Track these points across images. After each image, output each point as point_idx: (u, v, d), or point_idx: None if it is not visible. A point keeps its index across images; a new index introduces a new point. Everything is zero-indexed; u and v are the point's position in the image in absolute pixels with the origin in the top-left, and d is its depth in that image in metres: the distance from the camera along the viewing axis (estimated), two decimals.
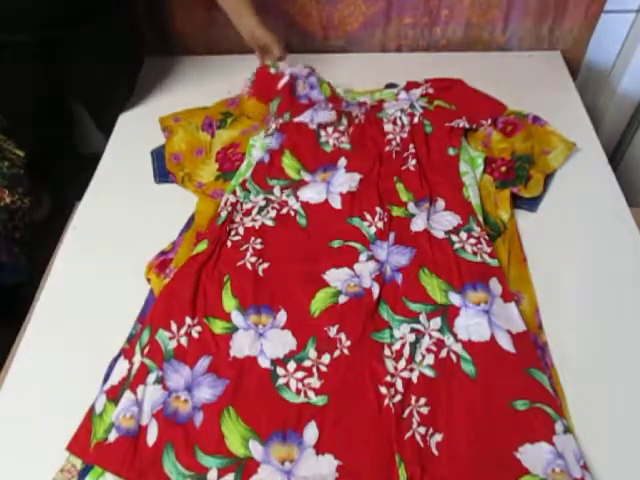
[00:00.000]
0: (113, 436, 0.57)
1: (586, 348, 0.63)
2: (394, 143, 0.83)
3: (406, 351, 0.62)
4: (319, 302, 0.67)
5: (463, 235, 0.71)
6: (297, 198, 0.78)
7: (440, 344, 0.63)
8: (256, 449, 0.56)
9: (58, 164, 1.06)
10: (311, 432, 0.57)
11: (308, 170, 0.82)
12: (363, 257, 0.71)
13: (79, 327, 0.68)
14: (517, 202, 0.77)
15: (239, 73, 0.95)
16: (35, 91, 0.90)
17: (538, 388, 0.59)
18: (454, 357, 0.62)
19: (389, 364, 0.61)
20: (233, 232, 0.74)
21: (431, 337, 0.63)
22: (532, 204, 0.77)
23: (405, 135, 0.83)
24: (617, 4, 0.95)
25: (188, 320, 0.65)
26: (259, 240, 0.73)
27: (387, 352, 0.63)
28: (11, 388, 0.64)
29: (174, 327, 0.64)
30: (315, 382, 0.61)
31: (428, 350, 0.62)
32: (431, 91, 0.89)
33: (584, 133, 0.85)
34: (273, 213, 0.77)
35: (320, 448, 0.57)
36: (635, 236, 0.72)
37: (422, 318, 0.65)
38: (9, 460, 0.59)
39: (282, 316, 0.66)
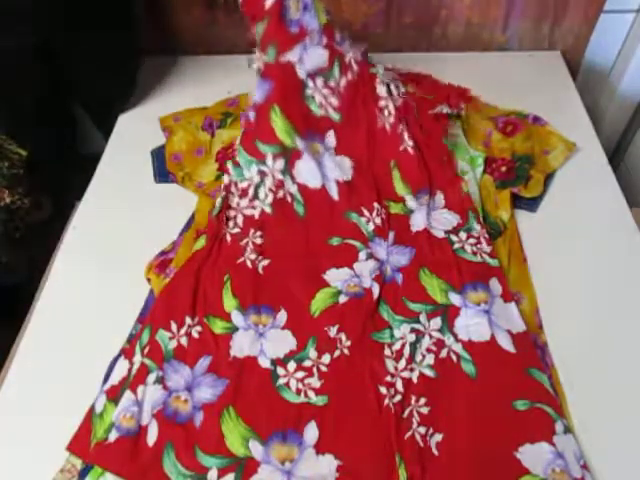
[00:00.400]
0: (113, 436, 0.57)
1: (586, 348, 0.63)
2: (386, 112, 0.79)
3: (406, 351, 0.62)
4: (319, 302, 0.67)
5: (463, 235, 0.71)
6: (293, 179, 0.75)
7: (440, 344, 0.63)
8: (256, 449, 0.56)
9: (58, 164, 1.06)
10: (311, 432, 0.57)
11: (300, 134, 0.75)
12: (362, 255, 0.70)
13: (79, 327, 0.68)
14: (517, 202, 0.77)
15: (239, 73, 0.95)
16: (35, 91, 0.90)
17: (538, 388, 0.58)
18: (454, 357, 0.62)
19: (389, 364, 0.61)
20: (232, 223, 0.73)
21: (431, 337, 0.63)
22: (532, 204, 0.77)
23: (398, 104, 0.79)
24: (617, 4, 0.95)
25: (188, 320, 0.65)
26: (259, 233, 0.72)
27: (387, 352, 0.62)
28: (11, 388, 0.64)
29: (174, 327, 0.64)
30: (315, 382, 0.61)
31: (428, 350, 0.62)
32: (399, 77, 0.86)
33: (584, 133, 0.85)
34: (270, 197, 0.74)
35: (320, 448, 0.57)
36: (635, 236, 0.72)
37: (422, 318, 0.65)
38: (9, 460, 0.59)
39: (282, 316, 0.66)
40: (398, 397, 0.59)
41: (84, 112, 0.99)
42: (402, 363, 0.62)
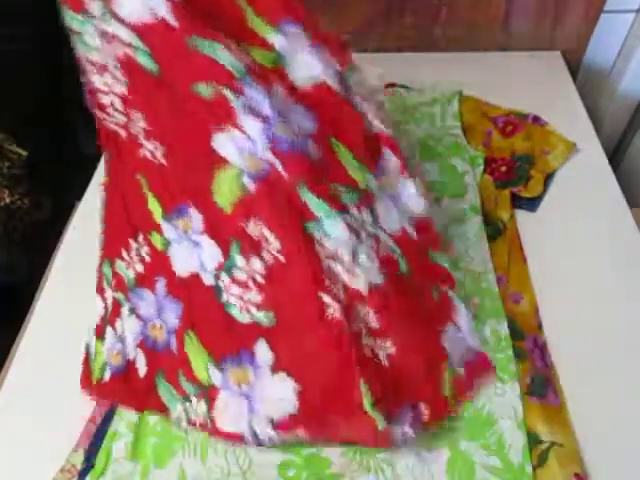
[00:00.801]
0: (107, 374, 0.58)
1: (586, 348, 0.63)
2: None
3: (345, 253, 0.52)
4: (226, 193, 0.53)
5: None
6: (115, 16, 0.51)
7: (377, 240, 0.55)
8: (215, 375, 0.55)
9: (58, 164, 1.06)
10: (263, 352, 0.53)
11: None
12: (239, 107, 0.50)
13: (79, 327, 0.68)
14: (517, 202, 0.77)
15: None
16: (35, 91, 0.90)
17: (442, 272, 0.57)
18: (391, 253, 0.55)
19: (329, 265, 0.52)
20: (111, 110, 0.58)
21: (369, 234, 0.54)
22: (532, 204, 0.77)
23: None
24: (617, 4, 0.95)
25: (133, 244, 0.60)
26: (139, 115, 0.56)
27: (320, 249, 0.52)
28: (11, 388, 0.64)
29: (125, 255, 0.61)
30: (255, 297, 0.54)
31: (370, 248, 0.54)
32: None
33: (584, 133, 0.85)
34: (115, 61, 0.54)
35: (274, 368, 0.53)
36: (635, 236, 0.72)
37: (354, 211, 0.54)
38: (9, 460, 0.59)
39: (195, 214, 0.55)
40: (340, 307, 0.52)
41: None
42: (342, 267, 0.52)
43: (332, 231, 0.52)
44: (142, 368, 0.57)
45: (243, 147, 0.51)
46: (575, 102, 0.91)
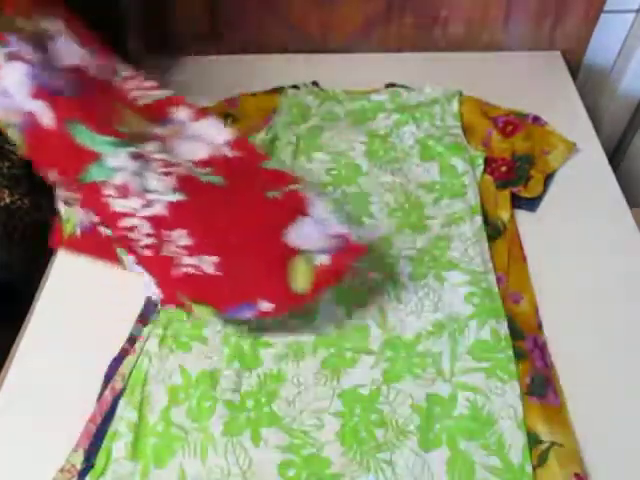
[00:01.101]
0: (78, 231, 0.65)
1: (586, 348, 0.63)
2: None
3: (134, 183, 0.54)
4: (18, 141, 0.56)
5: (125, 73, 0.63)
6: None
7: (172, 163, 0.57)
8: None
9: None
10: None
11: None
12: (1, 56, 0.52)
13: (79, 327, 0.68)
14: (517, 202, 0.77)
15: (240, 74, 0.95)
16: None
17: (280, 175, 0.60)
18: (192, 172, 0.58)
19: (118, 205, 0.54)
20: None
21: (158, 160, 0.56)
22: (532, 204, 0.77)
23: None
24: (617, 4, 0.95)
25: None
26: None
27: (109, 191, 0.53)
28: (11, 388, 0.64)
29: None
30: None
31: (165, 174, 0.55)
32: None
33: (584, 133, 0.85)
34: None
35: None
36: (635, 236, 0.72)
37: (137, 143, 0.56)
38: (9, 460, 0.59)
39: None
40: (148, 239, 0.55)
41: None
42: (135, 201, 0.53)
43: (116, 164, 0.54)
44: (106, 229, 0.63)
45: (1, 103, 0.53)
46: (575, 102, 0.91)
